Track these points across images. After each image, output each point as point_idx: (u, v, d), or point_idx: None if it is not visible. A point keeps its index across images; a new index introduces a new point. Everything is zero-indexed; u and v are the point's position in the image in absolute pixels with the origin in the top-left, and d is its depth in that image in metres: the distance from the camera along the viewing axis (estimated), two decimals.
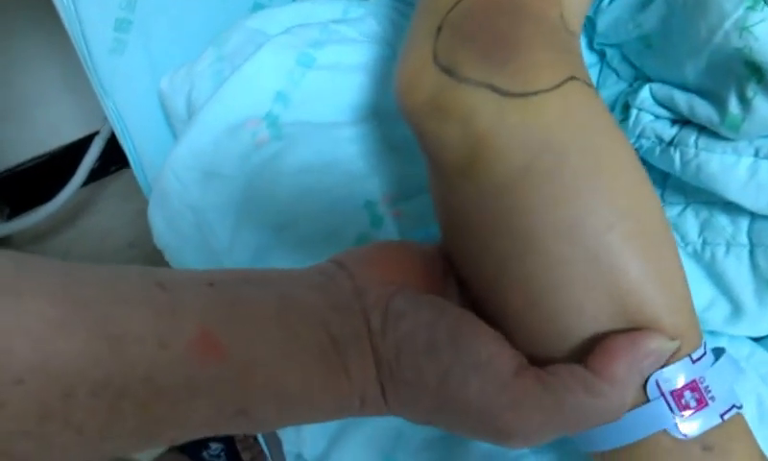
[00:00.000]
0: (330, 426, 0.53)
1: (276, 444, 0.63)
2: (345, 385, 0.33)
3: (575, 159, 0.34)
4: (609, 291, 0.34)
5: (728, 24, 0.43)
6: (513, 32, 0.35)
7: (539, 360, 0.34)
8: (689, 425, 0.35)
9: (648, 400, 0.35)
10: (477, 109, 0.35)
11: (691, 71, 0.48)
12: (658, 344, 0.33)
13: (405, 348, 0.33)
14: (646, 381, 0.34)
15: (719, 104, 0.47)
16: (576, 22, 0.39)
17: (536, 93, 0.34)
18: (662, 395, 0.34)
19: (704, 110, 0.48)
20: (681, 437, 0.34)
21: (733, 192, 0.48)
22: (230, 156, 0.57)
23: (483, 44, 0.35)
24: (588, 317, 0.35)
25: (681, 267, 0.37)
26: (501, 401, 0.32)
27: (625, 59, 0.58)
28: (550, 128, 0.34)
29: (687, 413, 0.34)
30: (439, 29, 0.37)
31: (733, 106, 0.45)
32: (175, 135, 0.64)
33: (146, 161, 0.65)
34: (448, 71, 0.36)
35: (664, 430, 0.35)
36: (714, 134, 0.48)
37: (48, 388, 0.25)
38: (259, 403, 0.31)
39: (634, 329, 0.34)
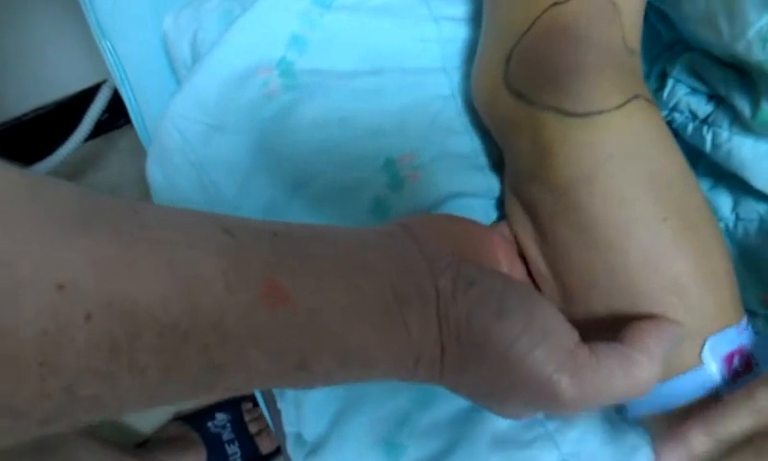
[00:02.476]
0: (331, 407, 0.50)
1: (279, 419, 0.59)
2: (404, 343, 0.35)
3: (634, 168, 0.40)
4: (661, 274, 0.40)
5: (751, 33, 0.41)
6: (577, 60, 0.42)
7: (590, 336, 0.37)
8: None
9: (702, 364, 0.40)
10: (544, 125, 0.42)
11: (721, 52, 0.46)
12: (675, 330, 0.38)
13: (477, 311, 0.35)
14: (702, 349, 0.40)
15: (752, 95, 0.45)
16: (635, 39, 0.44)
17: (599, 113, 0.41)
18: (715, 360, 0.40)
19: (738, 98, 0.46)
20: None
21: (763, 182, 0.47)
22: (238, 107, 0.52)
23: (548, 73, 0.42)
24: (642, 296, 0.40)
25: (726, 255, 0.42)
26: (564, 368, 0.34)
27: (664, 18, 0.52)
28: (612, 141, 0.41)
29: (736, 376, 0.40)
30: (508, 59, 0.44)
31: (765, 103, 0.44)
32: (179, 83, 0.59)
33: (147, 111, 0.60)
34: (519, 95, 0.43)
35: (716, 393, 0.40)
36: None
37: (115, 326, 0.24)
38: (320, 356, 0.32)
39: (658, 316, 0.40)
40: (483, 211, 0.49)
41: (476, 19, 0.53)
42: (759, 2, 0.40)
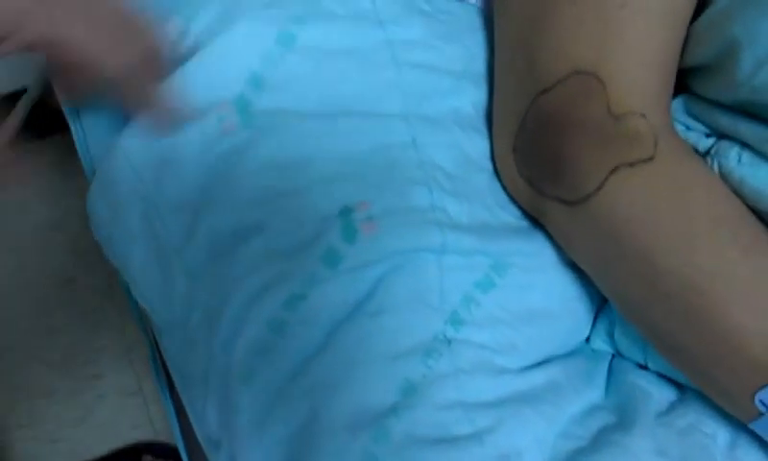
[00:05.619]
0: None
1: None
2: None
3: (628, 240, 0.44)
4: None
5: None
6: (562, 148, 0.45)
7: None
8: None
9: (760, 415, 0.41)
10: (555, 214, 0.48)
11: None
12: None
13: None
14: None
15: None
16: (635, 99, 0.44)
17: (587, 198, 0.44)
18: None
19: (747, 131, 0.45)
20: None
21: None
22: (191, 141, 0.50)
23: (544, 168, 0.47)
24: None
25: None
26: None
27: None
28: (602, 221, 0.45)
29: None
30: (514, 150, 0.49)
31: None
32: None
33: (91, 133, 0.57)
34: (531, 185, 0.48)
35: None
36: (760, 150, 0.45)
37: None
38: None
39: None
40: (436, 267, 0.49)
41: (440, 66, 0.53)
42: None
